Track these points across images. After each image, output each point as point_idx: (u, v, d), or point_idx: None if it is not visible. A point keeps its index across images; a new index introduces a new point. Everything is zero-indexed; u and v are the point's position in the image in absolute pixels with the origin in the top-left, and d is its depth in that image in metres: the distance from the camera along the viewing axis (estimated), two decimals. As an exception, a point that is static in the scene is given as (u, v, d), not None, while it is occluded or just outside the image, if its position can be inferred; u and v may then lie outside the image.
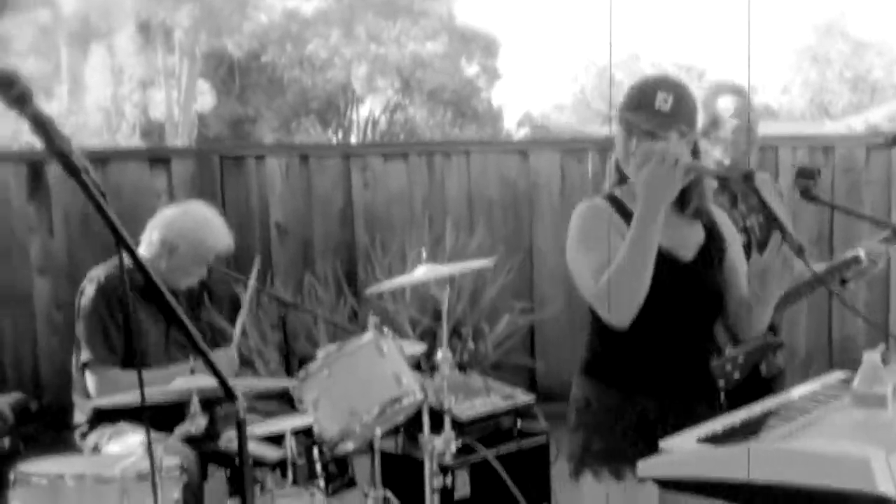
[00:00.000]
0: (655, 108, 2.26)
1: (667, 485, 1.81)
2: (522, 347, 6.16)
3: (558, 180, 6.37)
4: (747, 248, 3.13)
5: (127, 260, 3.33)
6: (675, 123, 2.27)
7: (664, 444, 1.80)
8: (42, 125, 1.54)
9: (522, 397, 4.25)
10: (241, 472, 1.65)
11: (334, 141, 21.57)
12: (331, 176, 6.22)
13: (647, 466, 1.79)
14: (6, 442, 4.99)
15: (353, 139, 21.99)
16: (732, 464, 1.71)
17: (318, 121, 21.51)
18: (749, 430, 1.87)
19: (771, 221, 3.17)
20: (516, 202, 6.35)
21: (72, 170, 1.56)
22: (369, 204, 6.23)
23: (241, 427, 1.64)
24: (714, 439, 1.81)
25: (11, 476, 2.65)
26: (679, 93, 2.29)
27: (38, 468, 2.69)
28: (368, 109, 23.02)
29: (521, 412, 4.20)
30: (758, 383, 2.98)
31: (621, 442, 2.25)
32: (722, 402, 2.44)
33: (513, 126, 25.77)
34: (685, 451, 1.77)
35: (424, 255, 3.33)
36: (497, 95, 24.22)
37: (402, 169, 6.28)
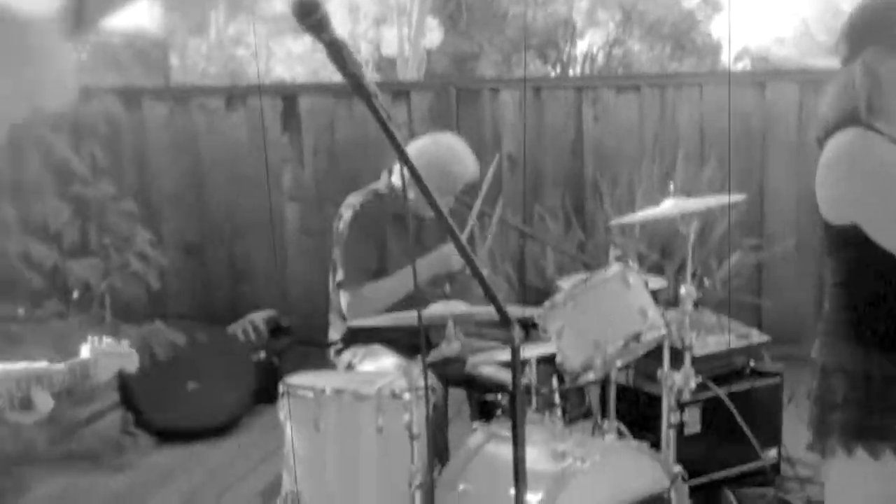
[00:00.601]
0: None
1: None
2: (749, 286, 5.97)
3: (795, 114, 6.07)
4: None
5: (383, 188, 3.52)
6: None
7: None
8: (338, 50, 1.59)
9: (757, 337, 4.18)
10: (513, 396, 1.70)
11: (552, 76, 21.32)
12: (562, 108, 6.21)
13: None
14: (262, 354, 5.41)
15: (571, 74, 21.65)
16: None
17: (538, 55, 21.28)
18: None
19: None
20: (749, 136, 6.10)
21: (364, 93, 1.61)
22: (599, 137, 6.18)
23: (515, 353, 1.69)
24: None
25: (281, 387, 2.89)
26: None
27: (304, 381, 2.90)
28: (587, 45, 22.57)
29: (753, 352, 4.13)
30: None
31: None
32: None
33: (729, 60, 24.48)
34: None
35: (673, 187, 3.27)
36: (716, 28, 23.01)
37: (633, 101, 6.18)
